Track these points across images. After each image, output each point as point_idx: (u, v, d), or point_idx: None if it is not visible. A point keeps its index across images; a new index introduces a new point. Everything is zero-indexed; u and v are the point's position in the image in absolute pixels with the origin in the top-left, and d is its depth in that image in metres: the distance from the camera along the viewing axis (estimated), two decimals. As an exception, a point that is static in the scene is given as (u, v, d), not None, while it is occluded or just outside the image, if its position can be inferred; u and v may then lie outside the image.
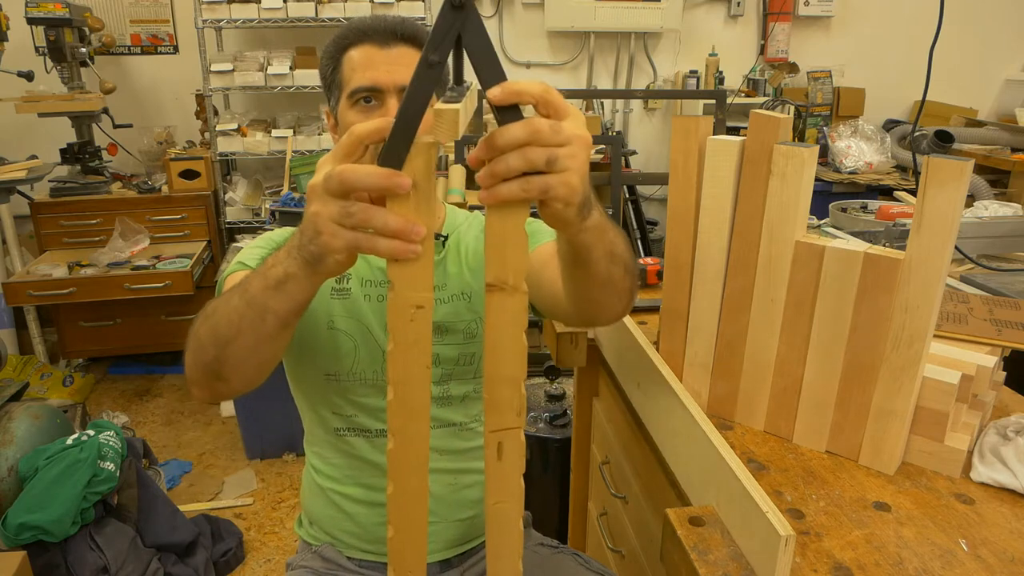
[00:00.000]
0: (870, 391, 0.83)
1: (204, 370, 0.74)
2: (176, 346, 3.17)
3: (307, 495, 1.12)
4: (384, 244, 0.58)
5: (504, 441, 0.62)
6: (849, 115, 3.74)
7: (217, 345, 0.71)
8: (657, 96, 3.75)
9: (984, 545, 0.72)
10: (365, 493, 1.04)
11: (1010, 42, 3.96)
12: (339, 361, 0.99)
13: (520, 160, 0.56)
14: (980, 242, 1.67)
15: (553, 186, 0.57)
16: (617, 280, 0.78)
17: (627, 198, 3.22)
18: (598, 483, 1.39)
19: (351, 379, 1.00)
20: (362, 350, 0.99)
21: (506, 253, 0.59)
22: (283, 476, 2.50)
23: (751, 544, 0.70)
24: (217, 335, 0.71)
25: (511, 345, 0.60)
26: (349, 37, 0.96)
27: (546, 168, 0.57)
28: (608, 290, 0.79)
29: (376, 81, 0.93)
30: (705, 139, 0.88)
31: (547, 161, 0.56)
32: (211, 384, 0.75)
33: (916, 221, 0.75)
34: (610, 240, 0.73)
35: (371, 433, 1.03)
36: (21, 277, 2.72)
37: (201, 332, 0.74)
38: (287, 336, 0.72)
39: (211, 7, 2.92)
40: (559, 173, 0.57)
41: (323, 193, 0.59)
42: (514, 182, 0.57)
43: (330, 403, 1.02)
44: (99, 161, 3.09)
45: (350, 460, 1.04)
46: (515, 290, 0.59)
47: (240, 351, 0.71)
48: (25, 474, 1.77)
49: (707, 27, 3.76)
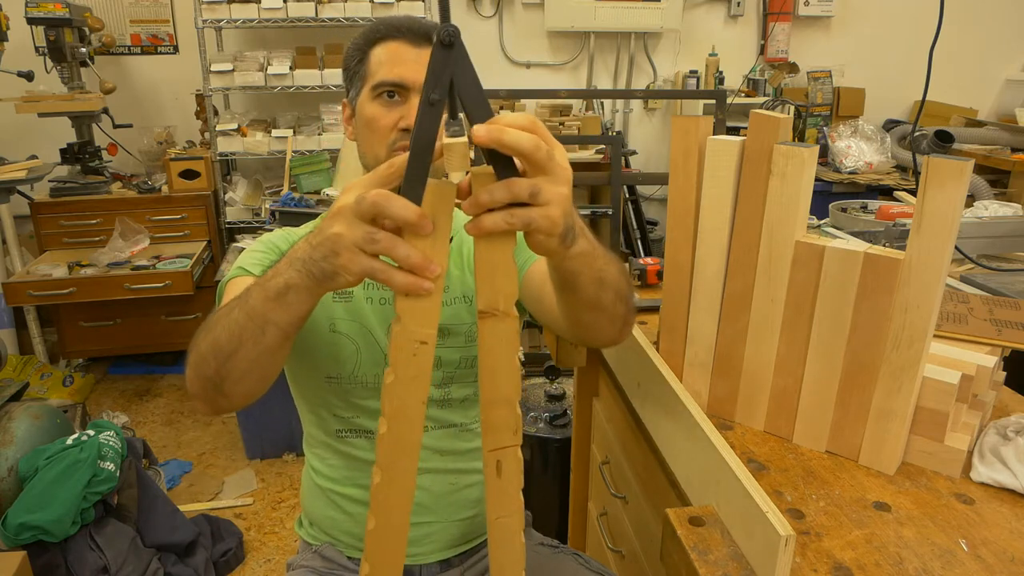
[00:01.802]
0: (870, 391, 0.83)
1: (206, 384, 0.74)
2: (176, 346, 3.18)
3: (307, 496, 1.12)
4: (400, 278, 0.59)
5: (503, 459, 0.64)
6: (849, 115, 3.75)
7: (218, 359, 0.71)
8: (657, 96, 3.75)
9: (984, 545, 0.72)
10: (365, 494, 1.04)
11: (1010, 42, 3.97)
12: (341, 364, 0.99)
13: (504, 192, 0.58)
14: (980, 242, 1.67)
15: (535, 218, 0.59)
16: (607, 305, 0.79)
17: (627, 198, 3.22)
18: (598, 483, 1.39)
19: (352, 382, 1.00)
20: (364, 353, 0.99)
21: (496, 281, 0.61)
22: (283, 476, 2.50)
23: (751, 544, 0.70)
24: (218, 349, 0.71)
25: (505, 368, 0.62)
26: (381, 31, 0.98)
27: (529, 200, 0.59)
28: (598, 314, 0.80)
29: (403, 77, 0.94)
30: (705, 139, 0.88)
31: (530, 194, 0.59)
32: (213, 399, 0.75)
33: (916, 221, 0.75)
34: (599, 267, 0.74)
35: (371, 434, 1.03)
36: (21, 277, 2.72)
37: (202, 346, 0.74)
38: (287, 348, 0.73)
39: (211, 7, 2.92)
40: (541, 206, 0.59)
41: (351, 215, 0.59)
42: (498, 214, 0.59)
43: (331, 405, 1.02)
44: (99, 161, 3.09)
45: (350, 461, 1.04)
46: (506, 315, 0.61)
47: (242, 363, 0.71)
48: (25, 474, 1.77)
49: (707, 27, 3.76)
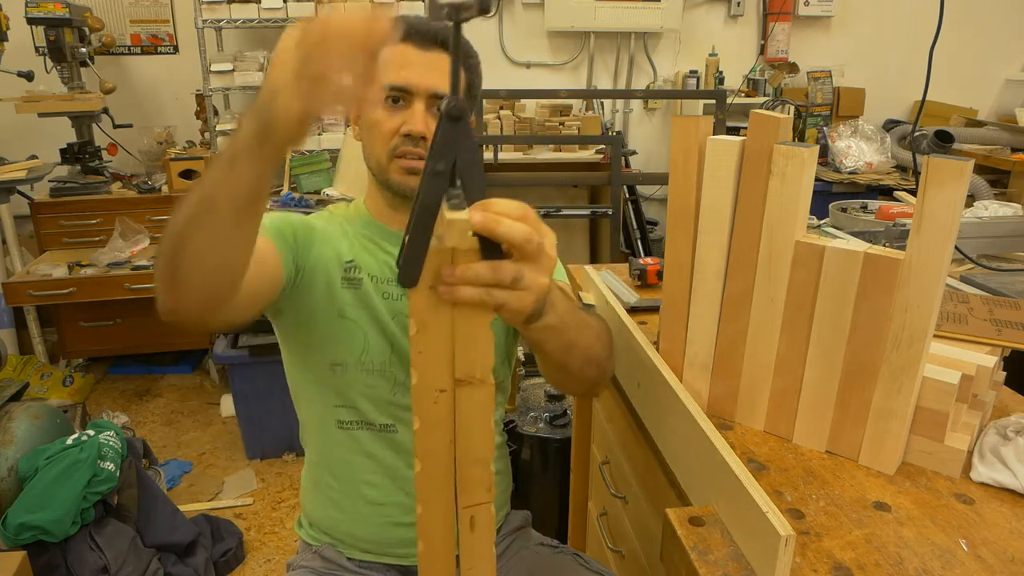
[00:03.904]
0: (870, 391, 0.83)
1: (163, 270, 0.70)
2: (176, 346, 3.18)
3: (307, 495, 1.12)
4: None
5: (476, 515, 0.67)
6: (849, 115, 3.75)
7: (173, 241, 0.68)
8: (657, 96, 3.75)
9: (984, 545, 0.72)
10: (367, 489, 1.04)
11: (1010, 42, 3.97)
12: (348, 350, 0.99)
13: (490, 275, 0.59)
14: (980, 242, 1.67)
15: (508, 302, 0.61)
16: (574, 370, 0.82)
17: (627, 198, 3.22)
18: (598, 483, 1.39)
19: (359, 368, 1.00)
20: (372, 339, 0.99)
21: (473, 351, 0.62)
22: (283, 476, 2.50)
23: (751, 544, 0.70)
24: (174, 230, 0.68)
25: (480, 431, 0.64)
26: None
27: (511, 285, 0.60)
28: (565, 375, 0.83)
29: (408, 82, 0.94)
30: (705, 139, 0.88)
31: (513, 280, 0.60)
32: (170, 289, 0.71)
33: (916, 221, 0.75)
34: (568, 338, 0.76)
35: (375, 427, 1.03)
36: (21, 277, 2.72)
37: (166, 230, 0.70)
38: (242, 238, 0.69)
39: (211, 7, 2.92)
40: (519, 291, 0.61)
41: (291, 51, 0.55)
42: (476, 289, 0.59)
43: (336, 395, 1.02)
44: (99, 161, 3.09)
45: (353, 456, 1.04)
46: (483, 383, 0.63)
47: (194, 243, 0.67)
48: (25, 474, 1.77)
49: (707, 27, 3.76)
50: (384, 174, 0.98)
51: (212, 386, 3.11)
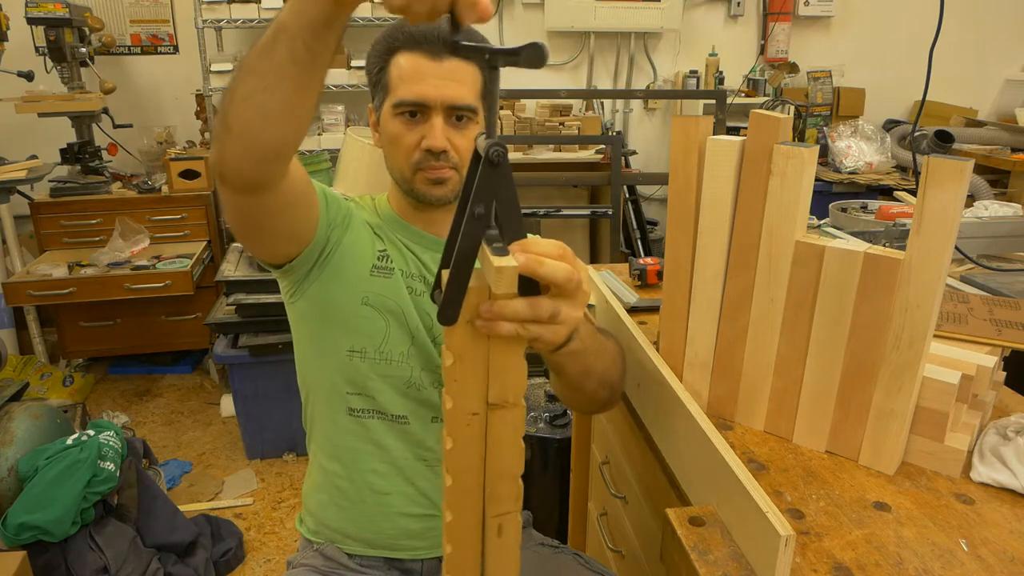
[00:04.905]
0: (870, 391, 0.83)
1: (219, 118, 0.71)
2: (176, 346, 3.18)
3: (310, 490, 1.11)
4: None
5: (504, 523, 0.69)
6: (849, 115, 3.75)
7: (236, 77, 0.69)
8: (657, 96, 3.75)
9: (984, 545, 0.72)
10: (374, 478, 1.04)
11: (1010, 42, 3.97)
12: (369, 337, 1.00)
13: (528, 313, 0.61)
14: (980, 242, 1.67)
15: (543, 335, 0.63)
16: (588, 391, 0.84)
17: (627, 198, 3.22)
18: (598, 483, 1.39)
19: (378, 357, 1.00)
20: (393, 328, 1.00)
21: (506, 378, 0.64)
22: (283, 476, 2.50)
23: (751, 544, 0.70)
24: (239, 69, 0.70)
25: (510, 449, 0.66)
26: (399, 39, 0.94)
27: (548, 320, 0.62)
28: (579, 394, 0.86)
29: (424, 96, 0.93)
30: (705, 139, 0.88)
31: (550, 316, 0.62)
32: (221, 137, 0.71)
33: (916, 221, 0.75)
34: (586, 363, 0.79)
35: (388, 417, 1.03)
36: (21, 277, 2.72)
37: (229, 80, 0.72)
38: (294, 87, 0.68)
39: (211, 7, 2.92)
40: (555, 325, 0.63)
41: None
42: (514, 325, 0.61)
43: (349, 383, 1.02)
44: (99, 161, 3.09)
45: (362, 444, 1.04)
46: (515, 406, 0.65)
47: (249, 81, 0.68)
48: (25, 474, 1.77)
49: (707, 27, 3.76)
50: (408, 184, 0.99)
51: (212, 386, 3.11)
